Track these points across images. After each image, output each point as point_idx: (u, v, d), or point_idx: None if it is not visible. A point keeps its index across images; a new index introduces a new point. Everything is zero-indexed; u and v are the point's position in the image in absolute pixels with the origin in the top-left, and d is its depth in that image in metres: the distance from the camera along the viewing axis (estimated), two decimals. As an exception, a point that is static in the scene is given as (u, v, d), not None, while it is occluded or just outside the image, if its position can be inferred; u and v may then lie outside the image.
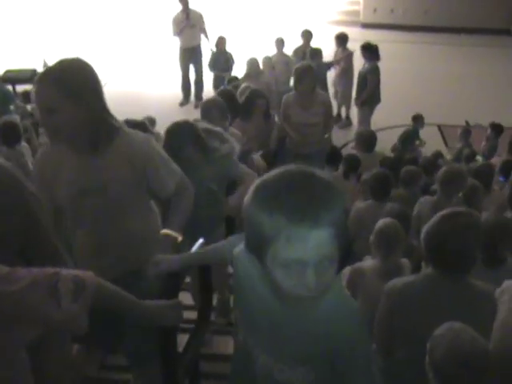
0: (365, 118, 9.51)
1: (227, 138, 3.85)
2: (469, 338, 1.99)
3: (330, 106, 6.89)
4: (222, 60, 10.80)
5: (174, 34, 10.96)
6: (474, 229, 2.49)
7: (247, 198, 1.55)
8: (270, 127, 6.79)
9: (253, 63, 9.26)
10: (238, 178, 3.89)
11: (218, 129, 3.90)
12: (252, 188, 1.56)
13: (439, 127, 10.60)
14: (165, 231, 2.76)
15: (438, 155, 8.01)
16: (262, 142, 6.48)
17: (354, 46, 10.10)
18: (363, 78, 9.43)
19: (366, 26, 16.18)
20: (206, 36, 11.09)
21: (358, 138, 6.77)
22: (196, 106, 10.63)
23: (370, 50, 9.25)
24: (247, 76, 9.10)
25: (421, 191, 5.39)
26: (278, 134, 6.89)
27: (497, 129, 8.48)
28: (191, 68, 11.39)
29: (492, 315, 2.39)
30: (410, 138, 8.86)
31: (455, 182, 4.72)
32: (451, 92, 11.99)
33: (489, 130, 8.59)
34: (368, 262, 3.83)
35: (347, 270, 4.09)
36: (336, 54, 10.56)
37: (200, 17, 11.02)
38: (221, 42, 10.85)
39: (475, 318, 2.09)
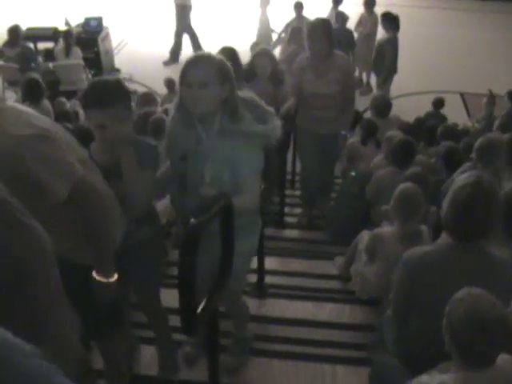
0: (382, 87, 9.25)
1: (276, 120, 2.83)
2: (487, 304, 2.00)
3: (349, 74, 5.44)
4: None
5: None
6: (495, 197, 2.40)
7: None
8: (280, 95, 5.54)
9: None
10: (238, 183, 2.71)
11: (270, 108, 2.89)
12: None
13: (462, 95, 10.46)
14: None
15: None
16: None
17: (376, 10, 9.98)
18: (381, 47, 9.24)
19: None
20: None
21: (372, 103, 6.69)
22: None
23: (390, 20, 8.93)
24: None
25: (441, 158, 5.33)
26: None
27: None
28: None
29: (509, 285, 2.39)
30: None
31: (493, 151, 4.39)
32: (473, 59, 11.82)
33: (505, 99, 8.27)
34: (387, 228, 3.86)
35: (366, 235, 4.13)
36: (361, 18, 10.40)
37: None
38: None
39: (492, 288, 2.09)
